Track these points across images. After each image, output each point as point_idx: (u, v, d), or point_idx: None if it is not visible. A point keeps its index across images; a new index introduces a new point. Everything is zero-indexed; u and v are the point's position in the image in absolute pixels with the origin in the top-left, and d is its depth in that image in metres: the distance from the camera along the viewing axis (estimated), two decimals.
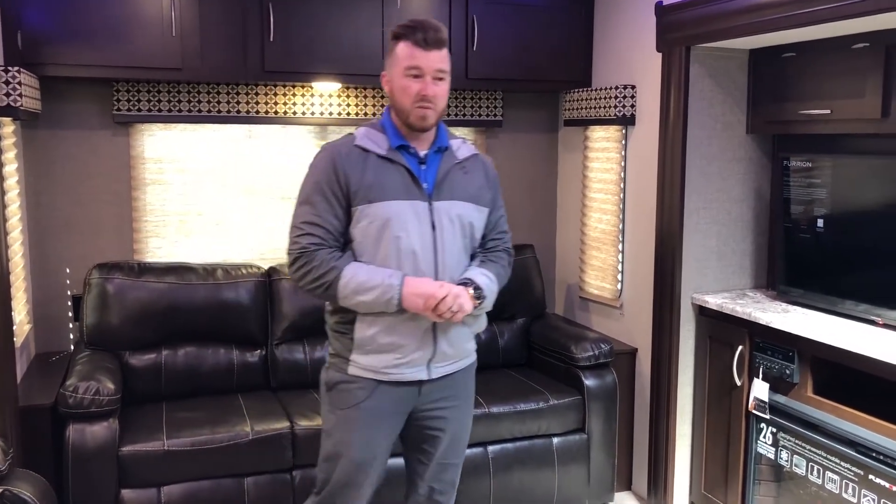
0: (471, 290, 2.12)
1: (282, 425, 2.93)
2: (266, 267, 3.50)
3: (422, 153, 2.17)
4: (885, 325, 2.60)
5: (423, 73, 2.08)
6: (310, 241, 2.08)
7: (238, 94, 3.56)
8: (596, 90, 3.68)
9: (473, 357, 2.35)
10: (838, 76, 2.75)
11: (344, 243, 2.14)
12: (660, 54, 3.23)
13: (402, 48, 2.09)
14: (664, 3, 3.16)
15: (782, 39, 2.91)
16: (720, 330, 3.10)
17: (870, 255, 2.70)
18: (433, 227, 2.13)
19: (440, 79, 2.11)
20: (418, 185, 2.13)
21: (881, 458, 2.41)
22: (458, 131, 4.02)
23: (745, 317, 2.92)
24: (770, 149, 3.31)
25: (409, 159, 2.14)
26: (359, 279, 2.05)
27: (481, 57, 3.62)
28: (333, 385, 2.22)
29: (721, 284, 3.29)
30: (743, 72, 3.21)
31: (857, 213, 2.78)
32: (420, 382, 2.20)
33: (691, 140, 3.16)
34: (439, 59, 2.10)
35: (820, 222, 2.86)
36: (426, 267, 2.11)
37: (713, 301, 3.11)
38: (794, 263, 3.02)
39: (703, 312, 3.19)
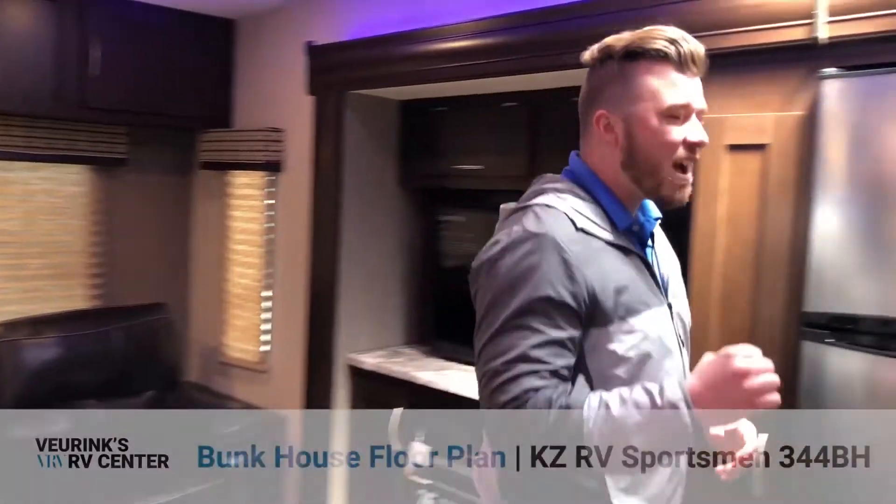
0: None
1: None
2: None
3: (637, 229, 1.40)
4: None
5: (690, 112, 1.29)
6: (530, 385, 1.17)
7: None
8: (238, 131, 3.34)
9: None
10: (490, 133, 2.78)
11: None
12: (311, 97, 3.00)
13: (652, 72, 1.27)
14: (316, 44, 2.95)
15: (434, 92, 2.87)
16: (377, 392, 2.91)
17: None
18: (681, 344, 1.38)
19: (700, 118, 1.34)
20: (657, 283, 1.36)
21: None
22: (69, 169, 3.38)
23: (401, 377, 2.78)
24: (423, 202, 3.26)
25: (635, 244, 1.36)
26: (617, 410, 1.14)
27: (102, 84, 3.07)
28: None
29: (375, 342, 3.13)
30: (395, 123, 3.12)
31: None
32: None
33: (346, 191, 2.97)
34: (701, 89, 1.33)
35: None
36: None
37: (370, 361, 2.92)
38: (445, 318, 2.97)
39: (358, 373, 2.99)
